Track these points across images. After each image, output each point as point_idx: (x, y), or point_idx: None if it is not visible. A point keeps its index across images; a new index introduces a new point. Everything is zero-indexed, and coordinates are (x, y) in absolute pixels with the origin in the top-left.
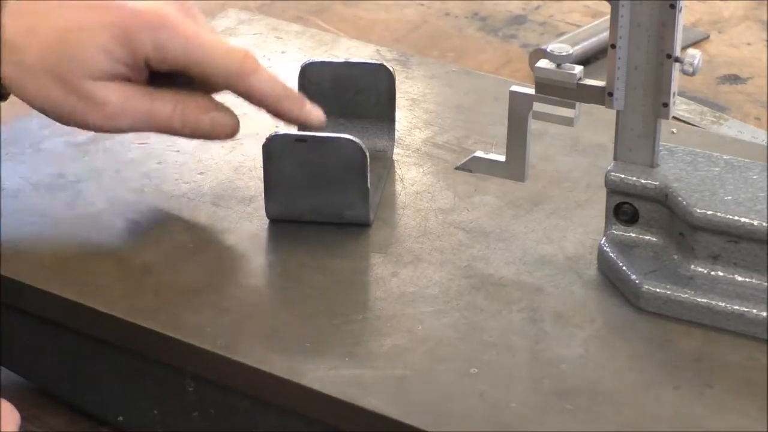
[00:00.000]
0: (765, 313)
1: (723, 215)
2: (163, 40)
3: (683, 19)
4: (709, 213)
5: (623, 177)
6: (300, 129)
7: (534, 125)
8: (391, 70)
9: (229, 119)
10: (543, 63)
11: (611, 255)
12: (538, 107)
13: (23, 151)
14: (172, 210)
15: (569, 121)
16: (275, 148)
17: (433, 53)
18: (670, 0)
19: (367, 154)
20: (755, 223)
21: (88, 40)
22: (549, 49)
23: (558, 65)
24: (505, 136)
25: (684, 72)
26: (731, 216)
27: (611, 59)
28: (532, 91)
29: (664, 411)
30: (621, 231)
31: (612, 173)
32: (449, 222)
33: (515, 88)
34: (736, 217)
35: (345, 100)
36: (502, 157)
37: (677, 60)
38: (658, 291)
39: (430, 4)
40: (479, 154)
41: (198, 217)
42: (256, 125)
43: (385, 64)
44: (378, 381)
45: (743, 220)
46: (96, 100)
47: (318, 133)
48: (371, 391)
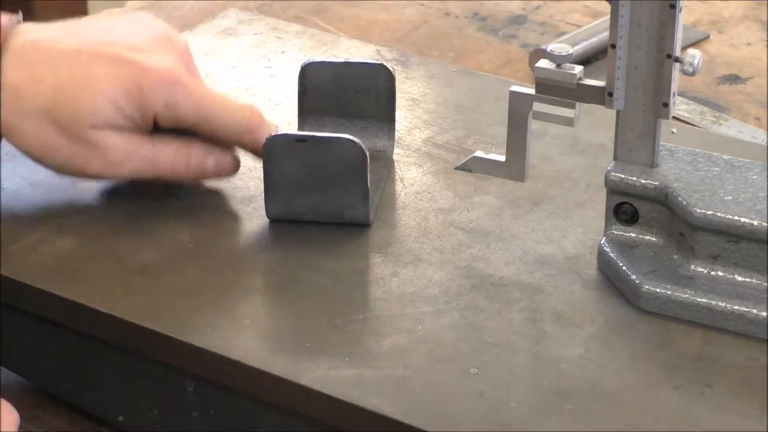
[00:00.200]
0: (765, 313)
1: (723, 215)
2: (176, 98)
3: (683, 19)
4: (709, 213)
5: (623, 177)
6: (300, 129)
7: (534, 125)
8: (391, 70)
9: (231, 158)
10: (543, 63)
11: (611, 255)
12: (538, 107)
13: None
14: (172, 210)
15: (569, 121)
16: (275, 148)
17: (433, 53)
18: (670, 0)
19: (367, 154)
20: (755, 223)
21: (98, 91)
22: (549, 49)
23: (558, 65)
24: (505, 136)
25: (684, 72)
26: (731, 216)
27: (611, 59)
28: (532, 91)
29: (664, 411)
30: (621, 231)
31: (612, 173)
32: (449, 222)
33: (515, 88)
34: (736, 217)
35: (345, 100)
36: (502, 157)
37: (677, 60)
38: (658, 291)
39: (430, 4)
40: (479, 154)
41: (198, 217)
42: None
43: (385, 64)
44: (378, 381)
45: (743, 220)
46: (99, 146)
47: (318, 133)
48: (371, 391)
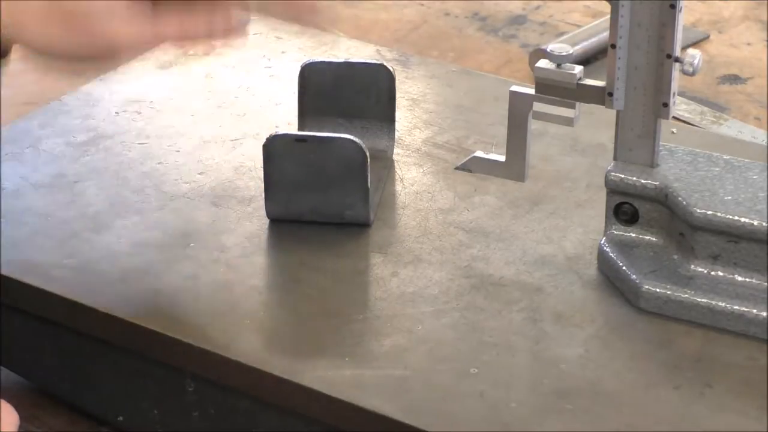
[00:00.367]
0: (765, 313)
1: (723, 215)
2: None
3: (683, 19)
4: (709, 213)
5: (623, 177)
6: (300, 129)
7: (534, 125)
8: (391, 70)
9: (238, 14)
10: (543, 63)
11: (611, 255)
12: (538, 107)
13: (23, 151)
14: (172, 210)
15: (569, 121)
16: (275, 148)
17: (433, 53)
18: (670, 0)
19: (368, 154)
20: (755, 223)
21: None
22: (549, 49)
23: (558, 65)
24: (505, 136)
25: (684, 72)
26: (731, 216)
27: (611, 59)
28: (532, 91)
29: (664, 411)
30: (621, 231)
31: (612, 173)
32: (449, 222)
33: (515, 88)
34: (736, 217)
35: (345, 100)
36: (502, 157)
37: (677, 60)
38: (658, 291)
39: (430, 4)
40: (479, 154)
41: (198, 217)
42: (256, 125)
43: (385, 64)
44: (378, 381)
45: (743, 220)
46: (103, 24)
47: (318, 133)
48: (371, 391)
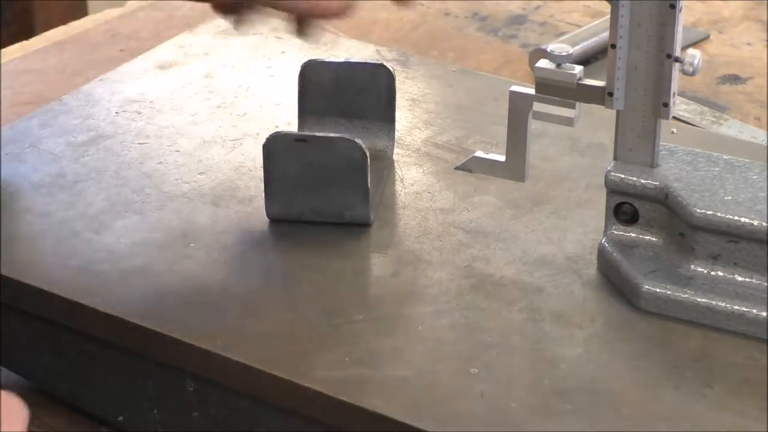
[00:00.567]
0: (765, 313)
1: (723, 215)
2: None
3: (683, 19)
4: (709, 213)
5: (623, 177)
6: (300, 129)
7: (534, 125)
8: (391, 70)
9: None
10: (543, 63)
11: (611, 255)
12: (538, 107)
13: (23, 151)
14: (172, 210)
15: (569, 121)
16: (275, 147)
17: (433, 53)
18: (670, 0)
19: (368, 154)
20: (755, 223)
21: None
22: (549, 49)
23: (558, 65)
24: (505, 136)
25: (684, 72)
26: (731, 216)
27: (611, 59)
28: (532, 91)
29: (664, 411)
30: (621, 231)
31: (612, 173)
32: (449, 222)
33: (515, 88)
34: (736, 217)
35: (345, 100)
36: (502, 157)
37: (677, 60)
38: (658, 291)
39: (430, 4)
40: (479, 154)
41: (198, 217)
42: (256, 125)
43: (385, 64)
44: (378, 381)
45: (743, 220)
46: None
47: (318, 133)
48: (371, 391)
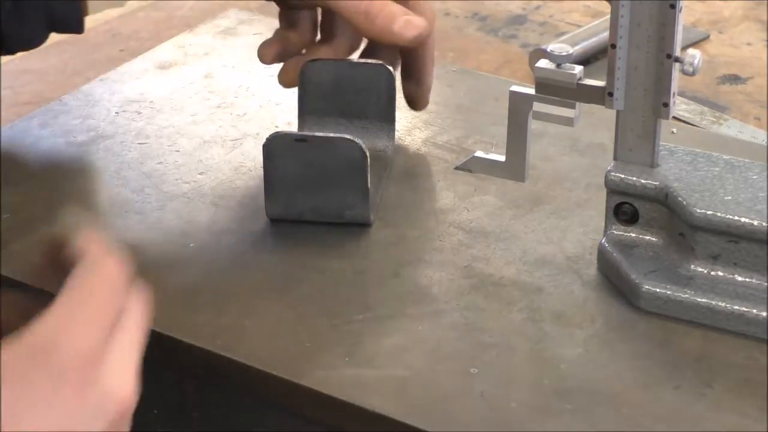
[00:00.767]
0: (765, 313)
1: (723, 215)
2: None
3: (683, 19)
4: (709, 213)
5: (623, 177)
6: (300, 129)
7: (534, 125)
8: (391, 70)
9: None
10: (543, 63)
11: (611, 255)
12: (538, 107)
13: (23, 151)
14: (171, 210)
15: (569, 121)
16: (275, 147)
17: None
18: (670, 0)
19: (368, 153)
20: (755, 223)
21: None
22: (549, 49)
23: (558, 65)
24: (505, 136)
25: (684, 72)
26: (731, 216)
27: (611, 59)
28: (532, 91)
29: (664, 411)
30: (621, 231)
31: (612, 173)
32: (449, 222)
33: (515, 88)
34: (736, 217)
35: (345, 100)
36: (502, 157)
37: (677, 60)
38: (658, 291)
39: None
40: (479, 154)
41: (198, 217)
42: (256, 125)
43: (385, 64)
44: (378, 381)
45: (743, 220)
46: None
47: (318, 133)
48: (371, 391)
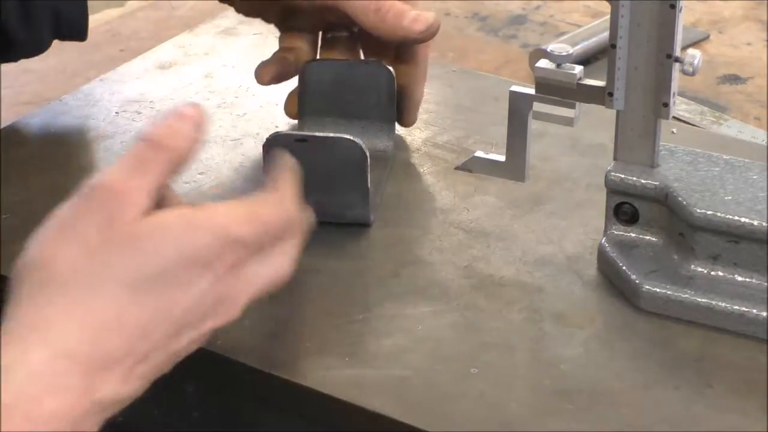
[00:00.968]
0: (765, 313)
1: (723, 215)
2: None
3: (683, 19)
4: (709, 213)
5: (623, 177)
6: (300, 129)
7: (534, 125)
8: (391, 70)
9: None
10: (543, 63)
11: (611, 255)
12: (538, 107)
13: (23, 151)
14: None
15: (569, 121)
16: (276, 148)
17: (433, 53)
18: (670, 0)
19: (368, 154)
20: (755, 223)
21: None
22: (549, 49)
23: (558, 65)
24: (505, 136)
25: (684, 72)
26: (731, 216)
27: (611, 59)
28: (532, 91)
29: (664, 411)
30: (621, 231)
31: (612, 173)
32: (449, 222)
33: (515, 88)
34: (736, 217)
35: (345, 100)
36: (502, 157)
37: (677, 60)
38: (658, 291)
39: (430, 4)
40: (479, 154)
41: None
42: (256, 125)
43: (385, 63)
44: (378, 381)
45: (743, 220)
46: None
47: (318, 133)
48: (371, 391)
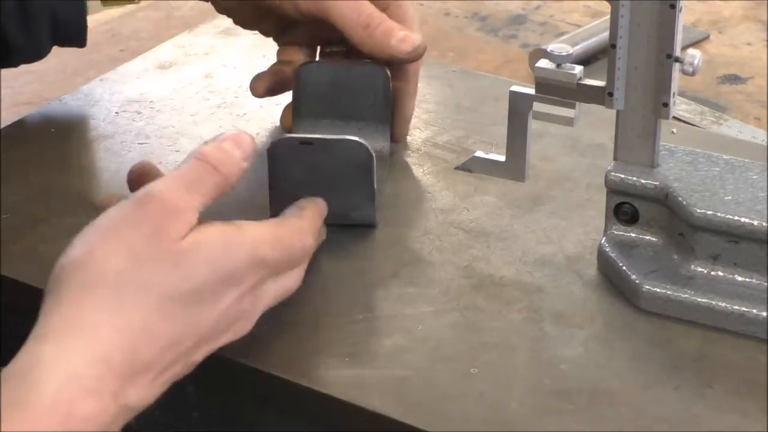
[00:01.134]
0: (765, 313)
1: (723, 215)
2: None
3: (683, 19)
4: (709, 213)
5: (623, 177)
6: (295, 131)
7: (534, 125)
8: (387, 71)
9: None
10: (543, 63)
11: (611, 255)
12: (538, 107)
13: (23, 151)
14: None
15: (569, 121)
16: (280, 151)
17: (433, 53)
18: (670, 0)
19: (374, 155)
20: (755, 223)
21: None
22: (549, 49)
23: (558, 65)
24: (505, 136)
25: (684, 72)
26: (731, 216)
27: (611, 59)
28: (532, 91)
29: (664, 411)
30: (621, 231)
31: (612, 173)
32: (449, 222)
33: (515, 88)
34: (736, 217)
35: (341, 101)
36: (502, 157)
37: (677, 60)
38: (658, 291)
39: (430, 4)
40: (479, 154)
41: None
42: (256, 125)
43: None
44: (378, 381)
45: (743, 220)
46: None
47: (323, 136)
48: (371, 391)
